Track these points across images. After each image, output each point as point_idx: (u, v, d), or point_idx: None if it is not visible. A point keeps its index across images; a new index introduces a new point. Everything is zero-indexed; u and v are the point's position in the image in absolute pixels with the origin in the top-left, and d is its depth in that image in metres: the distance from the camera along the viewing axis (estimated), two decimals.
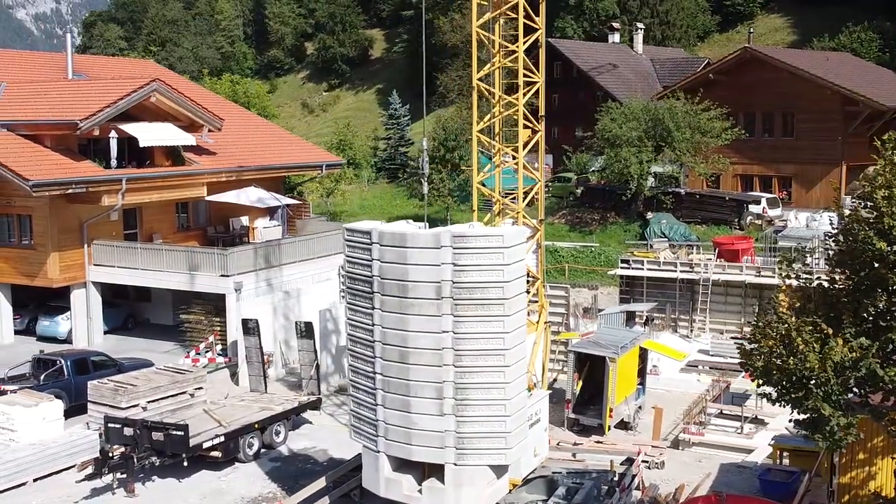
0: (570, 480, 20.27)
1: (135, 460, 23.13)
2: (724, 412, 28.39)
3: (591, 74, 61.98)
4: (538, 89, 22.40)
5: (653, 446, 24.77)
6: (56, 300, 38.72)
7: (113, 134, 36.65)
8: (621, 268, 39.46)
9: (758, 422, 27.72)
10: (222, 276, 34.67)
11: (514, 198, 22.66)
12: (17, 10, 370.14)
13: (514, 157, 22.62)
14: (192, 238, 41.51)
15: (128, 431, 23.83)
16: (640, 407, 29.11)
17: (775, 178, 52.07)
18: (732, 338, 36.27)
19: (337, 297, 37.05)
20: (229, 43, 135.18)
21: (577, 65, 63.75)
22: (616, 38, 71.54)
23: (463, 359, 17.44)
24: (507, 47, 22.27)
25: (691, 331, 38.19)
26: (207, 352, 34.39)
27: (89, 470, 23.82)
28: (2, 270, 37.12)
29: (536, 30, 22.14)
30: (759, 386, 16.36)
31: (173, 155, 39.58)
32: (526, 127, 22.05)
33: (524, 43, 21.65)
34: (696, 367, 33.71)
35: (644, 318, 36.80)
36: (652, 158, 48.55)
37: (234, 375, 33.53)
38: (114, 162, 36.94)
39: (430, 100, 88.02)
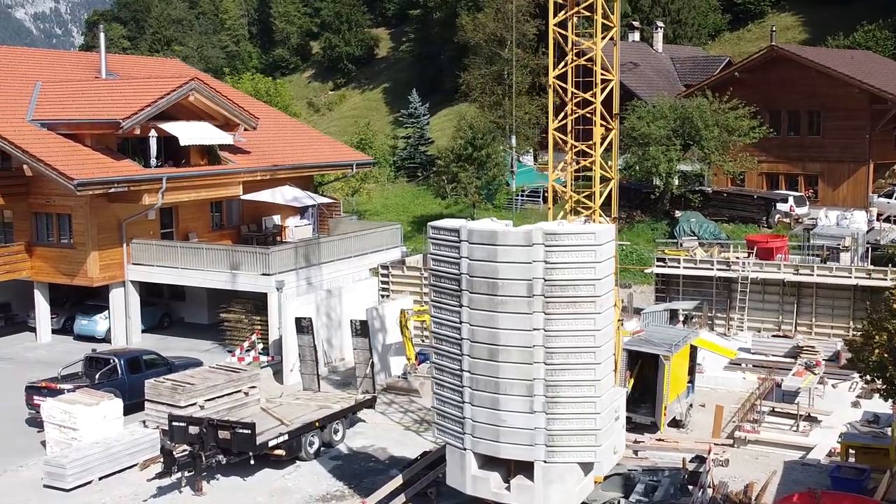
0: (647, 478, 20.31)
1: (203, 459, 23.11)
2: (776, 410, 28.43)
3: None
4: (612, 87, 22.35)
5: (716, 444, 24.80)
6: (92, 299, 38.78)
7: (153, 133, 36.71)
8: (657, 266, 39.49)
9: (811, 419, 27.78)
10: (263, 274, 34.75)
11: (586, 195, 22.61)
12: (16, 9, 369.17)
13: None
14: (227, 237, 41.58)
15: (193, 430, 23.83)
16: (690, 405, 29.16)
17: (801, 176, 52.19)
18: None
19: (377, 295, 37.22)
20: (234, 42, 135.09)
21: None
22: (636, 36, 71.59)
23: (554, 356, 17.49)
24: (581, 45, 22.25)
25: (728, 329, 38.21)
26: (249, 350, 34.40)
27: (153, 468, 23.84)
28: (40, 269, 37.17)
29: (611, 27, 22.13)
30: (869, 382, 16.39)
31: (209, 154, 39.65)
32: (595, 125, 21.98)
33: (602, 40, 21.59)
34: (739, 364, 33.75)
35: (683, 316, 36.84)
36: (679, 157, 48.64)
37: (276, 374, 33.60)
38: (153, 161, 36.96)
39: (453, 98, 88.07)
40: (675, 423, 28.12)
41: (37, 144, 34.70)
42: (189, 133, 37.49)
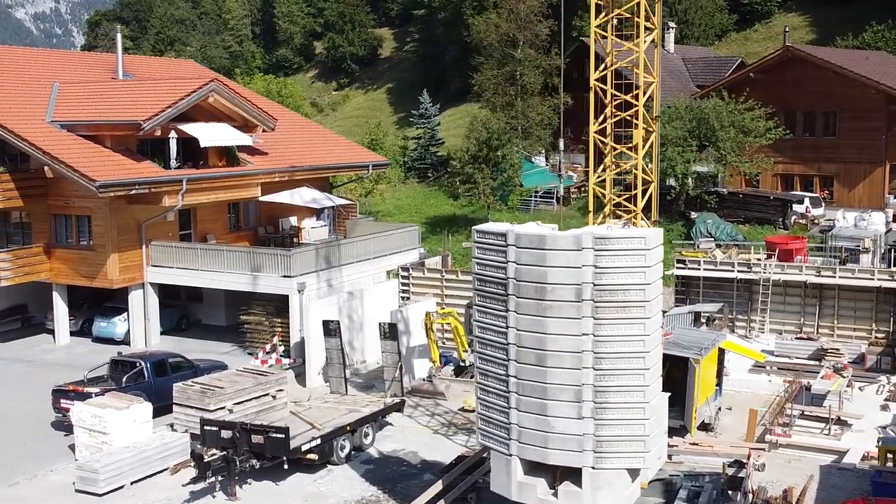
0: (689, 483, 20.16)
1: (237, 463, 22.95)
2: (805, 413, 28.28)
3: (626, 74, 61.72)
4: (653, 90, 22.21)
5: (751, 448, 24.65)
6: (110, 301, 38.60)
7: (173, 134, 36.55)
8: (677, 268, 39.35)
9: (841, 423, 27.63)
10: (284, 276, 34.60)
11: (627, 198, 22.47)
12: (17, 9, 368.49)
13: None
14: (244, 238, 41.43)
15: (225, 434, 23.67)
16: (719, 408, 29.04)
17: (816, 177, 52.05)
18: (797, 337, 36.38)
19: (397, 297, 37.06)
20: (237, 42, 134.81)
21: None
22: (650, 38, 71.32)
23: (603, 361, 17.33)
24: (622, 46, 22.11)
25: (748, 331, 38.09)
26: (271, 353, 34.25)
27: (184, 473, 23.71)
28: (59, 271, 37.02)
29: (652, 30, 21.99)
30: None
31: (228, 155, 39.49)
32: (636, 127, 21.84)
33: (645, 42, 21.46)
34: (764, 367, 33.61)
35: (705, 318, 36.70)
36: (695, 158, 48.51)
37: (298, 376, 33.42)
38: (173, 162, 36.79)
39: (458, 98, 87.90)
40: (704, 427, 27.98)
41: (57, 146, 34.53)
42: (209, 134, 37.32)
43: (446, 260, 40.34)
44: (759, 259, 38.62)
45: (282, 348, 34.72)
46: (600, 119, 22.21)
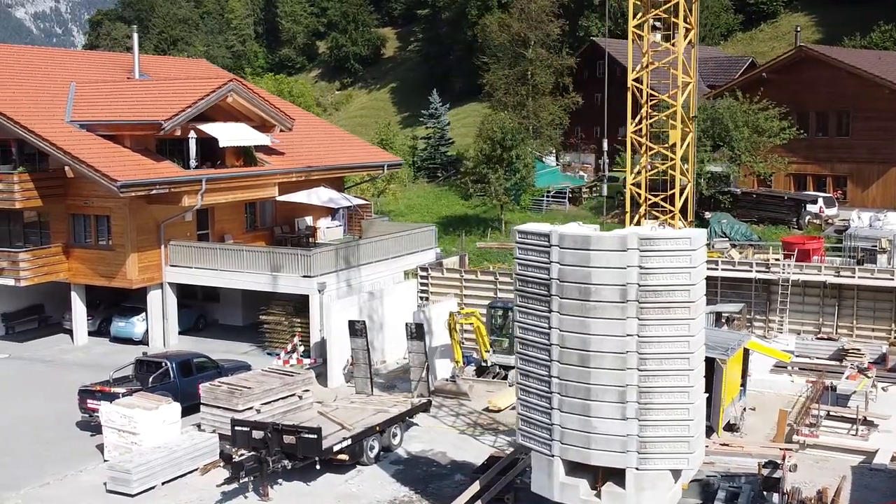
0: (726, 484, 20.15)
1: (269, 464, 22.92)
2: (831, 413, 28.27)
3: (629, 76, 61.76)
4: (690, 90, 22.20)
5: (781, 448, 24.65)
6: (127, 301, 38.54)
7: (192, 134, 36.50)
8: None
9: (868, 423, 27.61)
10: (304, 276, 34.54)
11: (662, 198, 22.46)
12: (17, 8, 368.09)
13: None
14: (260, 238, 41.40)
15: (257, 434, 23.64)
16: (744, 408, 29.03)
17: (829, 177, 52.13)
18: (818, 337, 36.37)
19: (416, 297, 37.02)
20: (240, 42, 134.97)
21: (622, 63, 63.58)
22: (658, 37, 71.39)
23: (647, 362, 17.31)
24: (659, 47, 22.11)
25: (767, 331, 38.08)
26: (292, 353, 34.22)
27: (214, 473, 23.68)
28: (78, 271, 36.95)
29: (689, 30, 21.97)
30: None
31: (245, 155, 39.44)
32: (675, 128, 21.83)
33: (685, 42, 21.44)
34: (785, 367, 33.59)
35: (725, 318, 36.69)
36: (709, 158, 48.57)
37: (318, 376, 33.36)
38: (192, 162, 36.75)
39: (463, 97, 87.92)
40: (730, 427, 27.96)
41: (78, 146, 34.48)
42: (228, 134, 37.28)
43: (463, 260, 40.33)
44: (777, 259, 38.61)
45: (302, 348, 34.69)
46: (637, 120, 22.10)
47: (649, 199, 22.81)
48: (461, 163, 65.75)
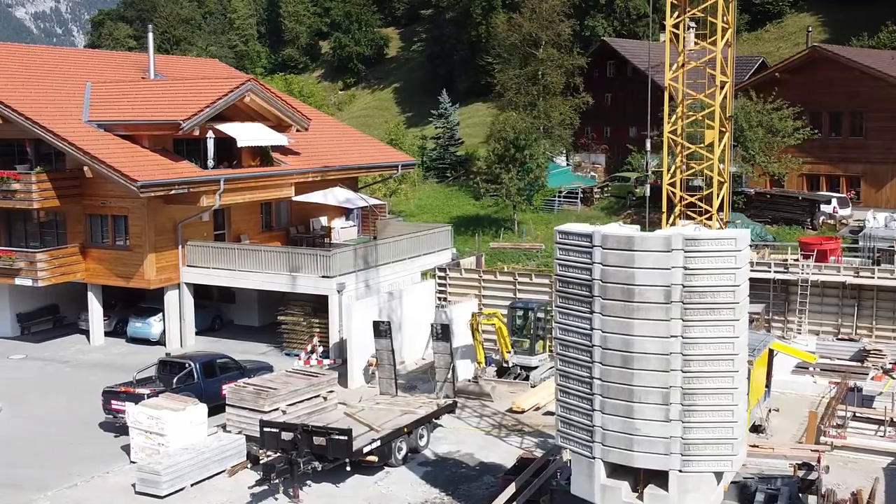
0: (764, 486, 20.05)
1: (300, 465, 22.80)
2: (857, 414, 28.16)
3: (649, 73, 61.66)
4: (727, 90, 22.08)
5: (819, 451, 24.51)
6: (143, 301, 38.44)
7: (210, 134, 36.36)
8: None
9: (895, 424, 27.49)
10: (324, 276, 34.43)
11: (699, 198, 22.34)
12: (17, 8, 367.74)
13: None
14: (275, 238, 41.29)
15: (286, 436, 23.53)
16: (769, 410, 28.95)
17: (843, 177, 52.04)
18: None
19: (434, 297, 36.88)
20: (243, 42, 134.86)
21: (632, 63, 63.61)
22: (663, 38, 71.35)
23: (691, 364, 17.18)
24: (696, 45, 21.99)
25: (785, 332, 37.98)
26: (311, 354, 34.12)
27: (240, 474, 23.56)
28: (95, 271, 36.83)
29: (726, 29, 21.86)
30: None
31: (262, 155, 39.31)
32: (711, 127, 21.71)
33: (723, 42, 21.33)
34: (806, 368, 33.50)
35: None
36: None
37: (338, 377, 33.18)
38: (210, 162, 36.62)
39: (466, 97, 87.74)
40: (755, 429, 27.87)
41: (97, 146, 34.34)
42: (245, 134, 37.17)
43: (480, 260, 40.20)
44: (795, 259, 38.51)
45: (321, 349, 34.58)
46: (672, 119, 21.98)
47: (684, 200, 22.65)
48: (470, 163, 65.66)
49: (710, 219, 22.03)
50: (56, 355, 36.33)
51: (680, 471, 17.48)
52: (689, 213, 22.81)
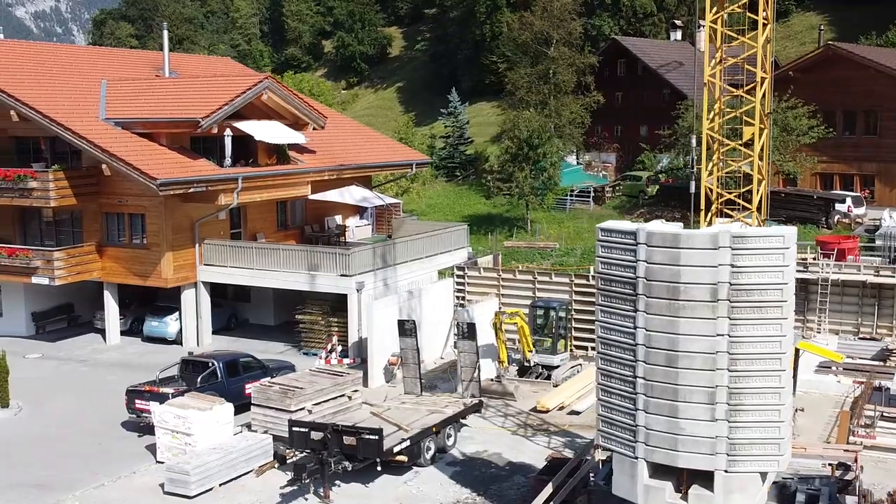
0: (805, 487, 19.86)
1: (331, 465, 22.58)
2: (885, 414, 27.96)
3: (660, 72, 61.67)
4: (766, 86, 21.89)
5: (852, 451, 24.32)
6: (159, 300, 38.20)
7: (228, 132, 36.14)
8: None
9: None
10: (342, 275, 34.23)
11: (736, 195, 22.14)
12: (17, 7, 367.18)
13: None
14: (291, 237, 41.11)
15: (315, 435, 23.32)
16: (795, 409, 28.70)
17: (857, 176, 51.87)
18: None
19: (452, 296, 36.68)
20: (246, 41, 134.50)
21: (643, 62, 63.46)
22: (678, 35, 71.32)
23: (738, 363, 16.99)
24: (735, 40, 21.81)
25: (804, 331, 37.77)
26: (331, 353, 33.92)
27: (268, 474, 23.38)
28: (111, 270, 36.61)
29: (766, 24, 21.67)
30: None
31: (278, 153, 39.11)
32: (749, 124, 21.53)
33: (763, 37, 21.15)
34: (829, 367, 33.32)
35: None
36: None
37: None
38: (228, 160, 36.41)
39: (470, 96, 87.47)
40: None
41: (115, 144, 34.13)
42: (263, 132, 36.97)
43: (497, 259, 40.01)
44: (814, 258, 38.33)
45: (340, 348, 34.38)
46: (711, 116, 21.79)
47: (722, 197, 22.45)
48: (479, 161, 65.46)
49: (749, 216, 21.81)
50: (72, 354, 36.11)
51: (726, 471, 17.29)
52: (726, 210, 22.59)
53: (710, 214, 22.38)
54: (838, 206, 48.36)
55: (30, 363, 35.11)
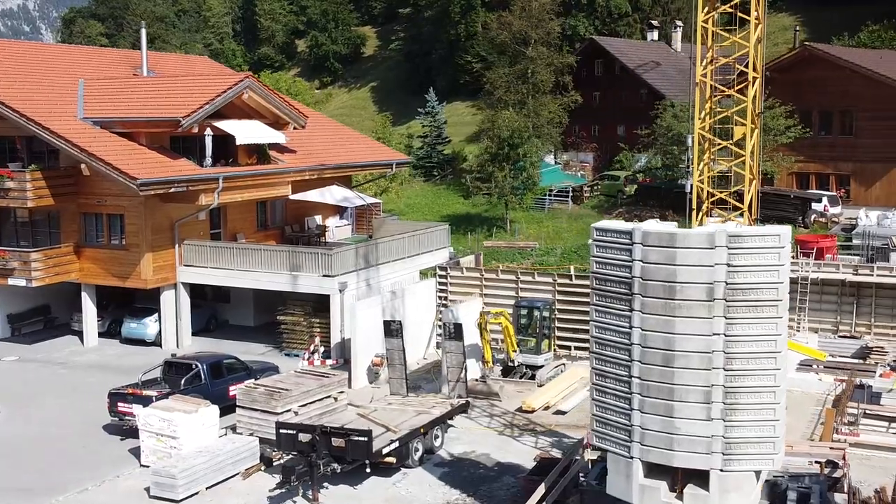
0: (795, 485, 19.89)
1: (320, 467, 22.40)
2: (866, 412, 28.13)
3: (638, 72, 61.84)
4: (757, 86, 21.93)
5: (839, 448, 24.44)
6: (136, 302, 37.83)
7: (208, 132, 35.83)
8: None
9: None
10: (325, 276, 34.02)
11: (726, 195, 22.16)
12: None
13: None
14: (271, 237, 40.84)
15: (303, 437, 23.13)
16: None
17: (833, 175, 52.23)
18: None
19: (435, 297, 36.55)
20: (218, 40, 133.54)
21: (621, 62, 63.61)
22: (655, 35, 71.54)
23: (734, 362, 17.00)
24: (725, 40, 21.84)
25: None
26: (313, 354, 33.68)
27: (254, 476, 23.16)
28: (89, 271, 36.22)
29: (757, 24, 21.71)
30: None
31: (259, 153, 38.81)
32: (740, 124, 21.56)
33: (754, 37, 21.17)
34: (810, 366, 33.50)
35: None
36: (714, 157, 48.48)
37: None
38: (208, 160, 36.09)
39: (445, 96, 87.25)
40: None
41: (94, 143, 33.74)
42: (244, 132, 36.69)
43: (478, 259, 39.93)
44: (794, 257, 38.52)
45: (322, 349, 34.16)
46: (702, 115, 21.81)
47: (713, 196, 22.47)
48: (457, 161, 65.38)
49: (741, 216, 21.83)
50: (50, 357, 35.67)
51: (721, 470, 17.29)
52: (716, 210, 22.62)
53: (700, 214, 22.38)
54: (815, 206, 48.69)
55: (7, 366, 34.68)
